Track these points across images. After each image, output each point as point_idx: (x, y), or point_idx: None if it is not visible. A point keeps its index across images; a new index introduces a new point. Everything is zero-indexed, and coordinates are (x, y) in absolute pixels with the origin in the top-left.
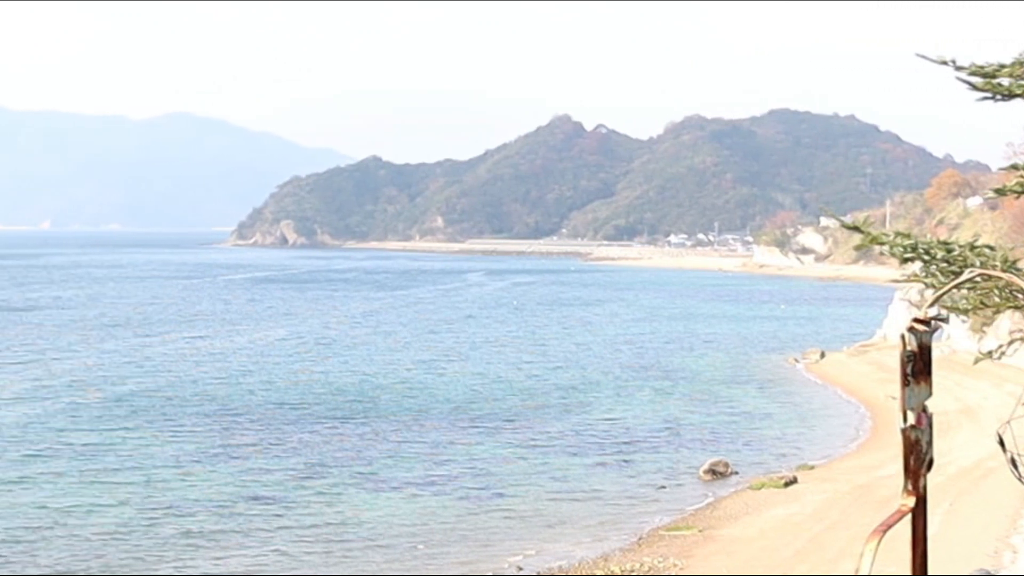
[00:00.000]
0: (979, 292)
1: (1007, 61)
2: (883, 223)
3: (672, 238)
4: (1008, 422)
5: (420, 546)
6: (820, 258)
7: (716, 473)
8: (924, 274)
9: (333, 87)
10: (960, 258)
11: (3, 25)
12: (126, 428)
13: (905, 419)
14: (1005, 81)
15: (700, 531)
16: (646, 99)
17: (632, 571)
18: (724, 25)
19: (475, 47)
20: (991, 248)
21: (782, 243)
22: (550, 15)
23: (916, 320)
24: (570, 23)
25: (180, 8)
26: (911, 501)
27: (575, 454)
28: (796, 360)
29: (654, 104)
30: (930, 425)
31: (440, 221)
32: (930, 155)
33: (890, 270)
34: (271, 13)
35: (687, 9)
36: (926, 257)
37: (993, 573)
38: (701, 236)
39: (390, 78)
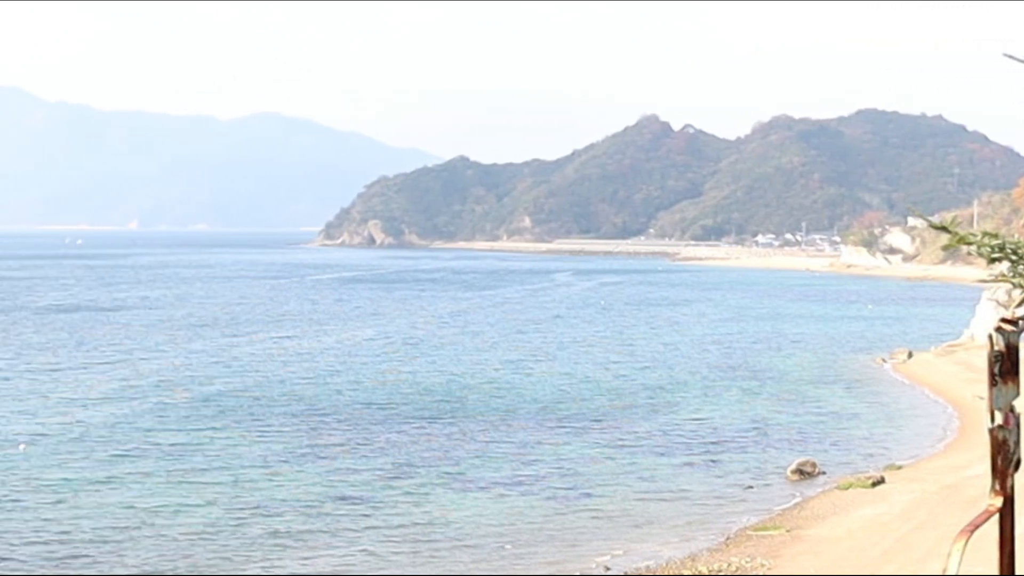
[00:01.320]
0: None
1: None
2: (970, 223)
3: (760, 238)
4: None
5: (507, 546)
6: (907, 258)
7: (804, 473)
8: (1012, 274)
9: (421, 87)
10: None
11: (92, 26)
12: (214, 428)
13: (993, 419)
14: None
15: (787, 531)
16: (733, 99)
17: (719, 571)
18: (813, 25)
19: (563, 47)
20: None
21: (869, 243)
22: (639, 15)
23: (1004, 320)
24: (658, 23)
25: (269, 8)
26: (999, 501)
27: (662, 454)
28: (883, 360)
29: (741, 104)
30: (1018, 425)
31: (528, 221)
32: (1018, 155)
33: (977, 270)
34: (358, 13)
35: (776, 9)
36: (1014, 257)
37: None
38: (788, 236)
39: (478, 78)
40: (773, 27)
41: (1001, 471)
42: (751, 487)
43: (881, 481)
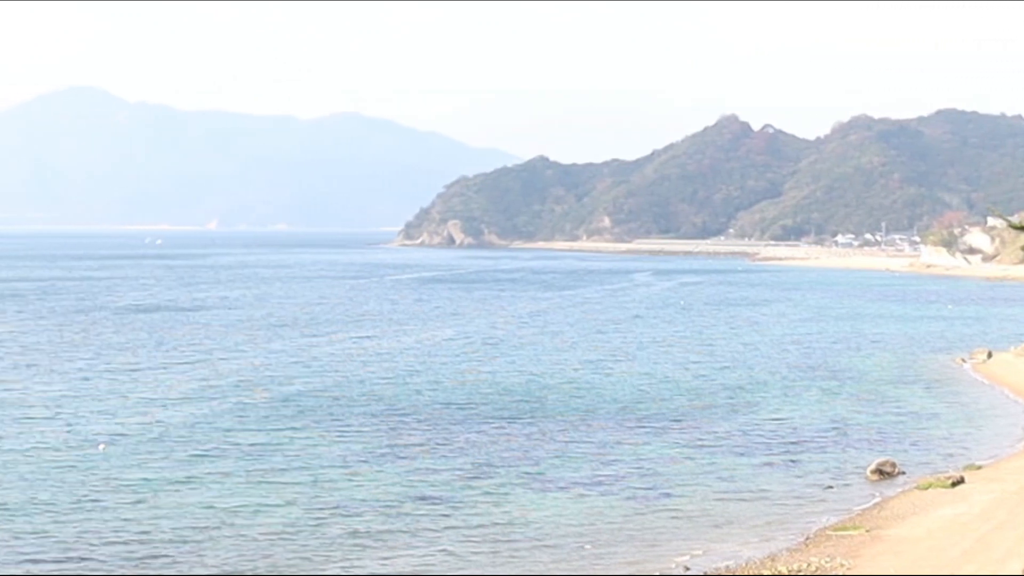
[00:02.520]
0: None
1: None
2: None
3: (839, 238)
4: None
5: (587, 546)
6: (987, 258)
7: (883, 473)
8: None
9: (501, 87)
10: None
11: (173, 27)
12: (293, 428)
13: None
14: None
15: (867, 531)
16: (812, 99)
17: (799, 571)
18: (892, 24)
19: (642, 48)
20: None
21: (949, 243)
22: (718, 15)
23: None
24: (738, 23)
25: (350, 8)
26: None
27: (742, 454)
28: (963, 360)
29: (820, 104)
30: None
31: (607, 221)
32: None
33: None
34: (440, 13)
35: (857, 9)
36: None
37: None
38: (868, 236)
39: (558, 78)
40: (853, 27)
41: None
42: (831, 487)
43: (961, 481)
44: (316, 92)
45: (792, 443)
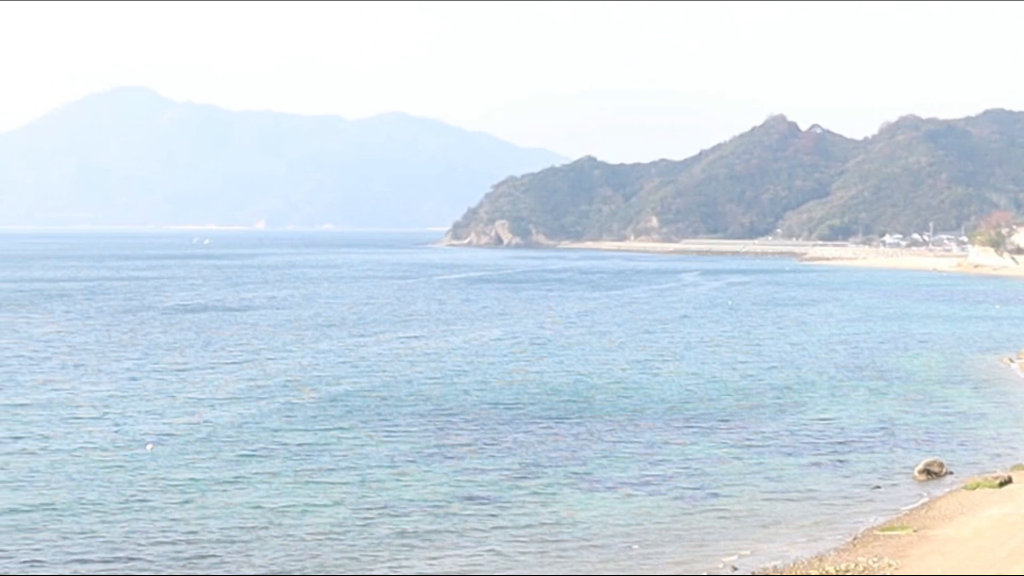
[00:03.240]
0: None
1: None
2: None
3: (887, 238)
4: None
5: (635, 546)
6: None
7: (931, 473)
8: None
9: (548, 87)
10: None
11: (220, 26)
12: (341, 428)
13: None
14: None
15: (915, 531)
16: (860, 99)
17: (847, 571)
18: (937, 24)
19: (690, 47)
20: None
21: (997, 243)
22: (765, 15)
23: None
24: (784, 22)
25: (398, 8)
26: None
27: (789, 454)
28: (1011, 360)
29: (868, 104)
30: None
31: (655, 221)
32: None
33: None
34: (485, 14)
35: (903, 9)
36: None
37: None
38: (916, 236)
39: (605, 78)
40: (899, 28)
41: None
42: (878, 487)
43: (1008, 481)
44: (363, 92)
45: (840, 443)
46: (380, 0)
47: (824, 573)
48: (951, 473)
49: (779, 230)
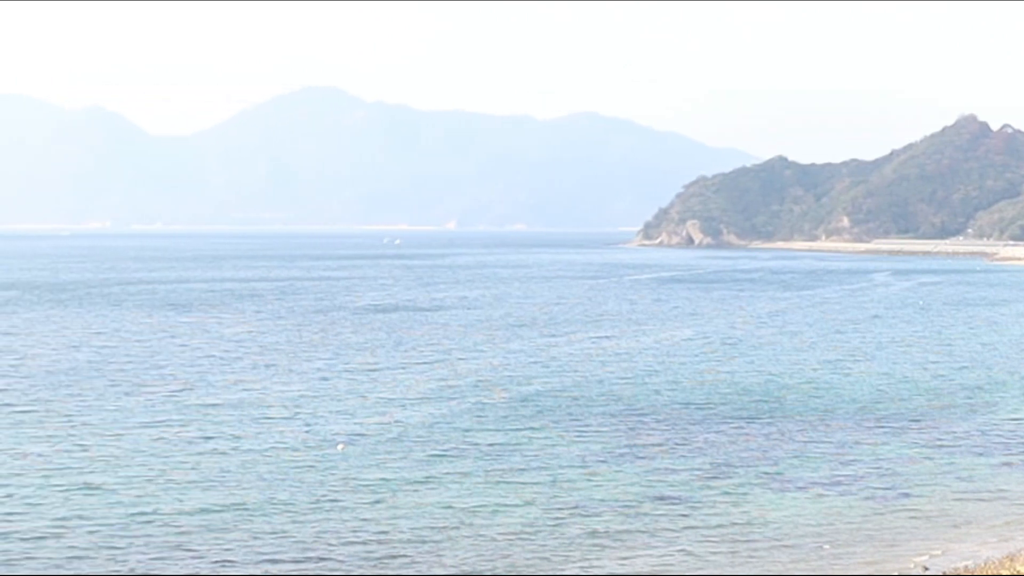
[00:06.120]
0: None
1: None
2: None
3: None
4: None
5: (826, 546)
6: None
7: None
8: None
9: (739, 86)
10: None
11: (410, 27)
12: (532, 428)
13: None
14: None
15: None
16: None
17: None
18: None
19: (881, 47)
20: None
21: None
22: (956, 15)
23: None
24: (971, 23)
25: (588, 8)
26: None
27: (981, 454)
28: None
29: None
30: None
31: (846, 221)
32: None
33: None
34: (675, 13)
35: None
36: None
37: None
38: None
39: (796, 78)
40: None
41: None
42: None
43: None
44: (554, 92)
45: None
46: (571, 0)
47: (1016, 573)
48: None
49: (970, 230)
